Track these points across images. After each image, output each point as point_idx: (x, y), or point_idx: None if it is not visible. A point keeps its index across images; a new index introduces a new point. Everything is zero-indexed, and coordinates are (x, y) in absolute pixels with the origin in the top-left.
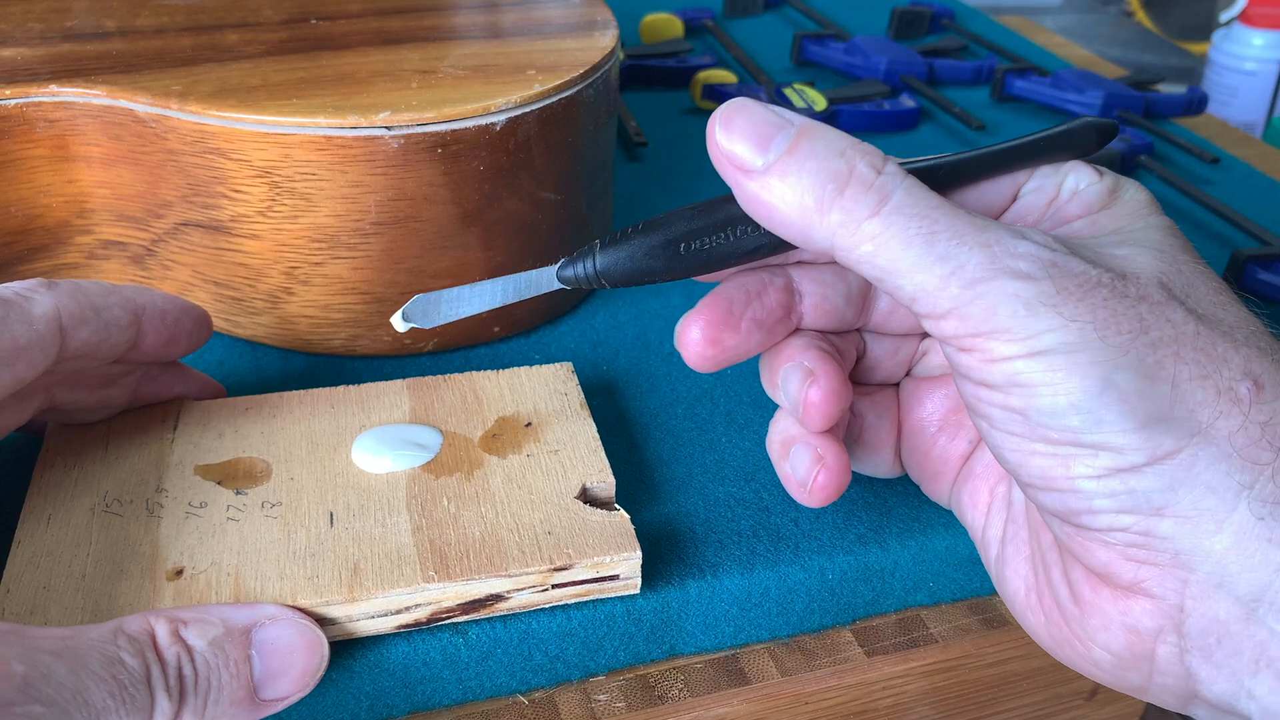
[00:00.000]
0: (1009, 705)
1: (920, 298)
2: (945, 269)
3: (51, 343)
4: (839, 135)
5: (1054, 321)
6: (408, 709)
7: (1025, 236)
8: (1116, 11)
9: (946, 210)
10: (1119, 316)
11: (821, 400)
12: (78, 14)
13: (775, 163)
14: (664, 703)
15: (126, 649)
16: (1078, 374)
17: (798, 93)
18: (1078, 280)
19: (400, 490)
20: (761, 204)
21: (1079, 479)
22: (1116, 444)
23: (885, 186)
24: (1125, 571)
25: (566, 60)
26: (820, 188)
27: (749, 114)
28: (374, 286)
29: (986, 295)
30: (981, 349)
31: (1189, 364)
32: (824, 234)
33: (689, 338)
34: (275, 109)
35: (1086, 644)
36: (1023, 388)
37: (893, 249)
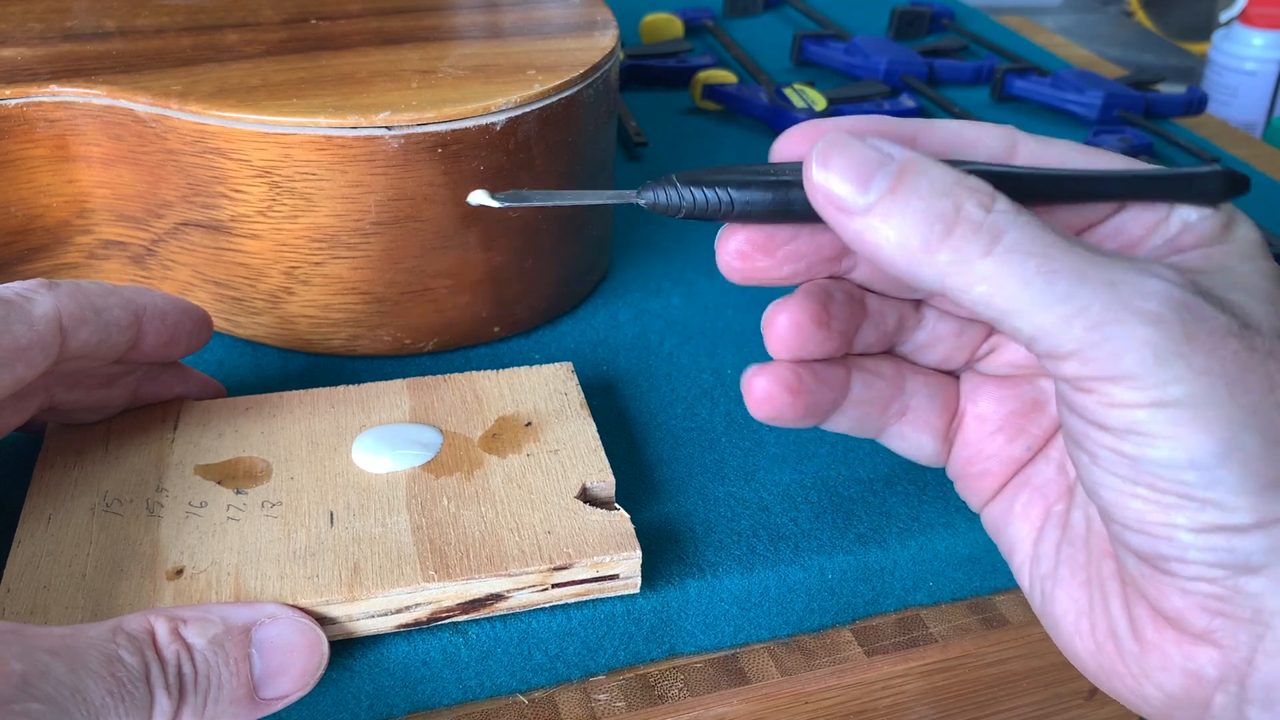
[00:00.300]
0: (1008, 705)
1: (1040, 338)
2: (1068, 310)
3: (52, 343)
4: (944, 171)
5: (1183, 372)
6: (408, 708)
7: (1153, 274)
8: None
9: (1065, 247)
10: (1248, 373)
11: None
12: (78, 14)
13: (877, 203)
14: (664, 702)
15: (125, 647)
16: (1203, 431)
17: (798, 93)
18: (1208, 328)
19: (400, 490)
20: (866, 244)
21: (1179, 530)
22: (1229, 503)
23: (996, 225)
24: (1199, 620)
25: (566, 60)
26: (927, 229)
27: (848, 151)
28: (374, 286)
29: (1113, 339)
30: (1103, 392)
31: None
32: (933, 274)
33: (726, 246)
34: (275, 109)
35: (1139, 680)
36: (1141, 436)
37: (1010, 289)
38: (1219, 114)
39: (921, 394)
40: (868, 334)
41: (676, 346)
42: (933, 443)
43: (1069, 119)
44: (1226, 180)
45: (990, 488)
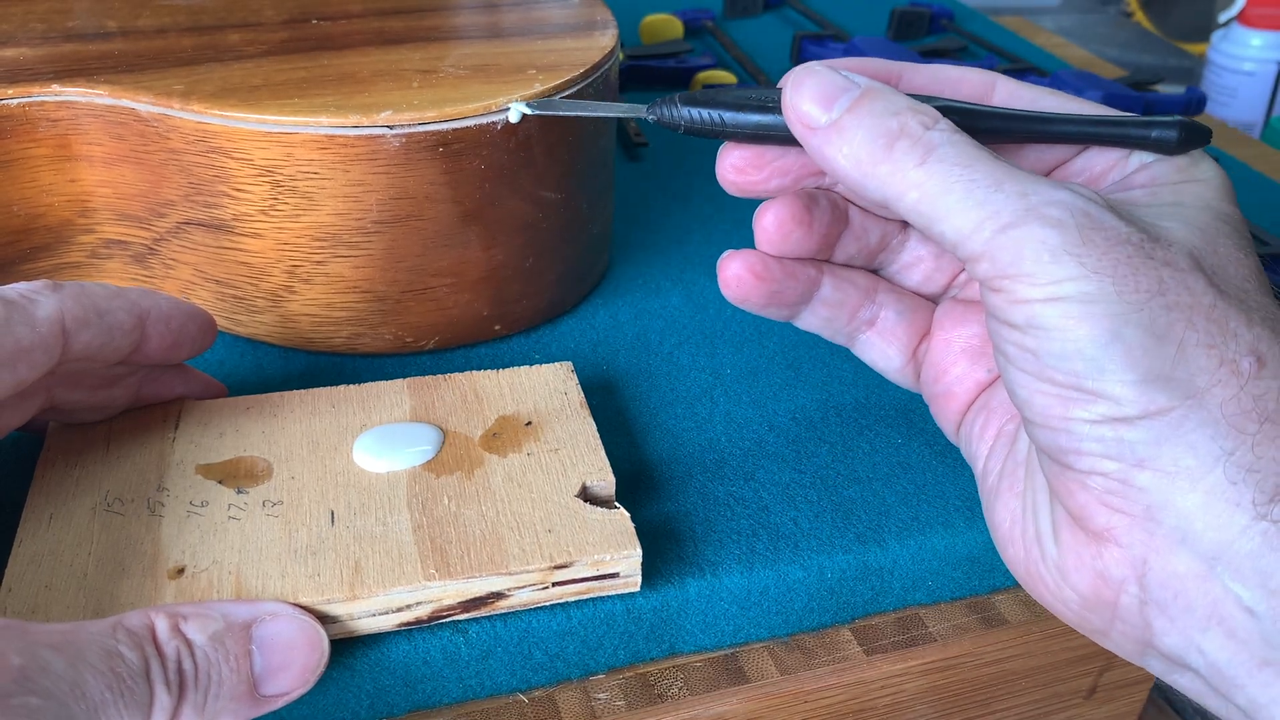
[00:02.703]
0: (1007, 704)
1: (960, 242)
2: (982, 214)
3: (54, 345)
4: (899, 98)
5: (1075, 270)
6: (408, 707)
7: (1064, 188)
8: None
9: (988, 161)
10: (1139, 275)
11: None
12: (80, 14)
13: (837, 120)
14: (663, 701)
15: (125, 643)
16: (1089, 323)
17: None
18: (1105, 234)
19: (401, 489)
20: (824, 158)
21: (1074, 421)
22: (1114, 394)
23: (932, 140)
24: (1099, 516)
25: (567, 60)
26: (873, 143)
27: (818, 77)
28: (375, 285)
29: (1016, 240)
30: (1008, 290)
31: (1199, 331)
32: (876, 185)
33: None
34: (277, 108)
35: (1058, 583)
36: (1039, 330)
37: (935, 195)
38: (1218, 114)
39: (892, 308)
40: (849, 245)
41: (676, 346)
42: (900, 356)
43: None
44: (1185, 130)
45: (957, 409)
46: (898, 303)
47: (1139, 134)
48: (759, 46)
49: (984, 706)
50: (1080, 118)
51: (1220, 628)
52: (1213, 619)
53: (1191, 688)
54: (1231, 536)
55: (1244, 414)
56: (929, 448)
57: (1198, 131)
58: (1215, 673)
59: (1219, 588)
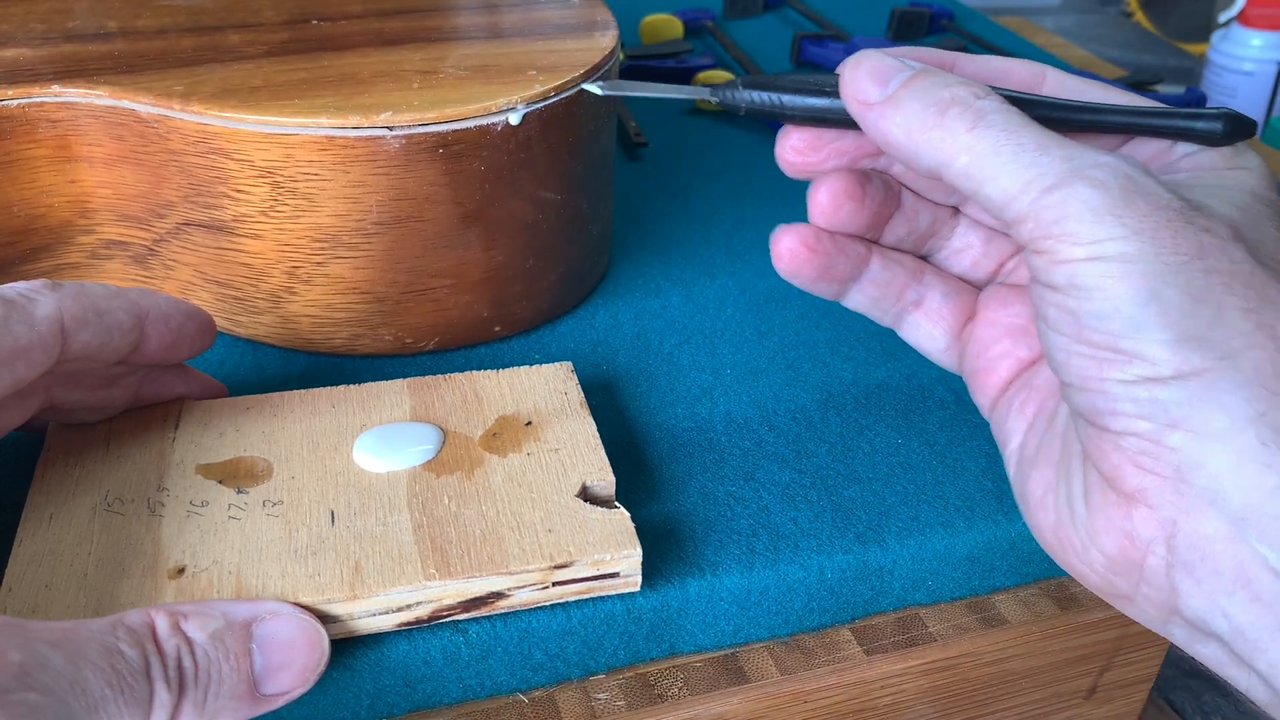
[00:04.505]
0: (1007, 704)
1: (1007, 204)
2: (1028, 175)
3: (53, 344)
4: (952, 76)
5: (1117, 230)
6: (408, 707)
7: (1107, 154)
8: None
9: (1035, 129)
10: (1179, 238)
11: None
12: (80, 15)
13: (891, 95)
14: (663, 701)
15: (125, 640)
16: (1128, 282)
17: None
18: (1147, 198)
19: (401, 489)
20: (879, 131)
21: (1109, 380)
22: (1150, 354)
23: (983, 108)
24: (1131, 477)
25: (567, 60)
26: (926, 110)
27: (875, 59)
28: (375, 286)
29: (1060, 200)
30: (1050, 250)
31: (1236, 295)
32: (928, 151)
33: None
34: (277, 109)
35: (1085, 545)
36: (1079, 290)
37: (984, 158)
38: None
39: (938, 289)
40: (899, 227)
41: (676, 346)
42: (945, 337)
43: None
44: (1231, 122)
45: (996, 385)
46: (944, 285)
47: (1185, 125)
48: (759, 46)
49: (984, 706)
50: (1128, 108)
51: (1245, 590)
52: (1239, 582)
53: (1213, 657)
54: (1261, 498)
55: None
56: (929, 448)
57: (1243, 124)
58: (1239, 637)
59: (1246, 550)
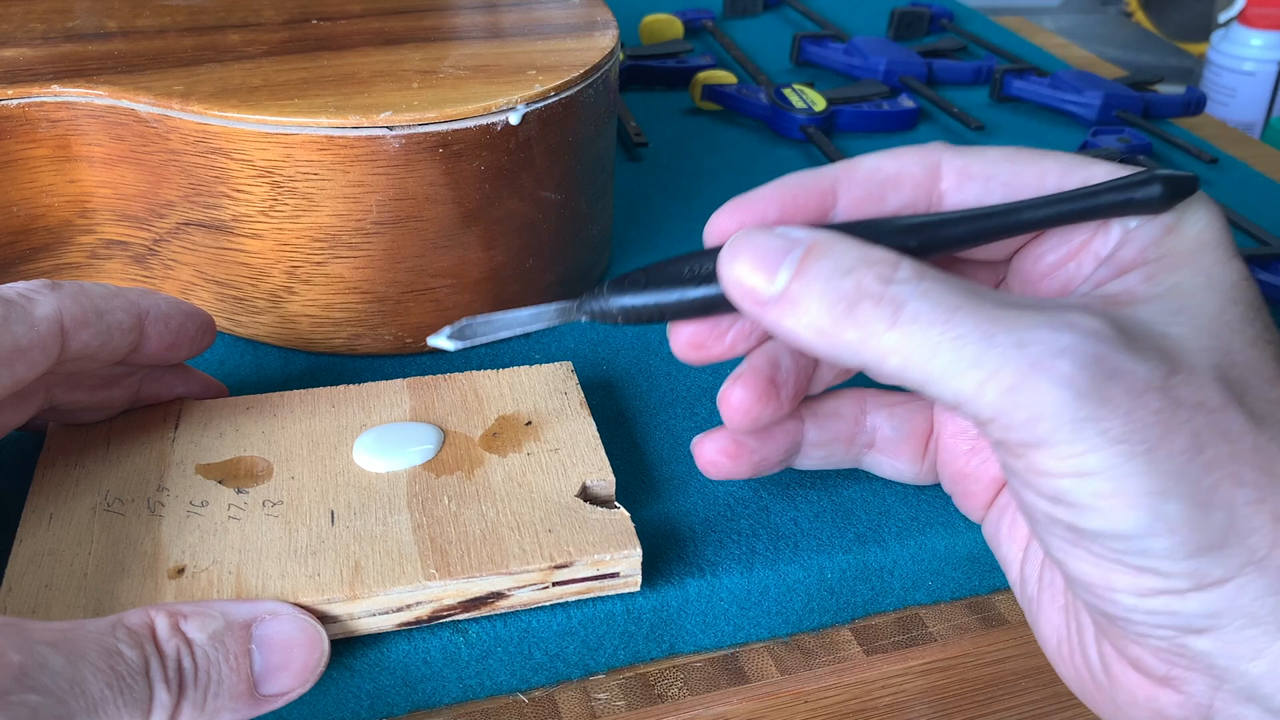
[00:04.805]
0: (1008, 704)
1: (962, 404)
2: (979, 375)
3: (53, 344)
4: (848, 249)
5: (1098, 441)
6: (408, 707)
7: (1066, 325)
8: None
9: (969, 310)
10: (1171, 434)
11: (733, 409)
12: (79, 14)
13: (785, 290)
14: (663, 701)
15: (125, 641)
16: (1125, 502)
17: (797, 93)
18: (1124, 384)
19: (401, 489)
20: (783, 330)
21: (1120, 593)
22: (1163, 569)
23: (897, 297)
24: (1157, 668)
25: (567, 60)
26: (832, 309)
27: (753, 242)
28: (375, 286)
29: (1025, 404)
30: (1028, 458)
31: (1246, 486)
32: (848, 353)
33: (677, 340)
34: (277, 109)
35: (1113, 712)
36: (1069, 506)
37: (920, 359)
38: (1218, 114)
39: (885, 426)
40: (825, 375)
41: None
42: (910, 466)
43: (1068, 119)
44: (1168, 184)
45: (980, 504)
46: (890, 416)
47: (1121, 199)
48: (759, 46)
49: (984, 707)
50: (1049, 199)
51: None
52: None
53: None
54: None
55: None
56: None
57: (1181, 183)
58: None
59: None
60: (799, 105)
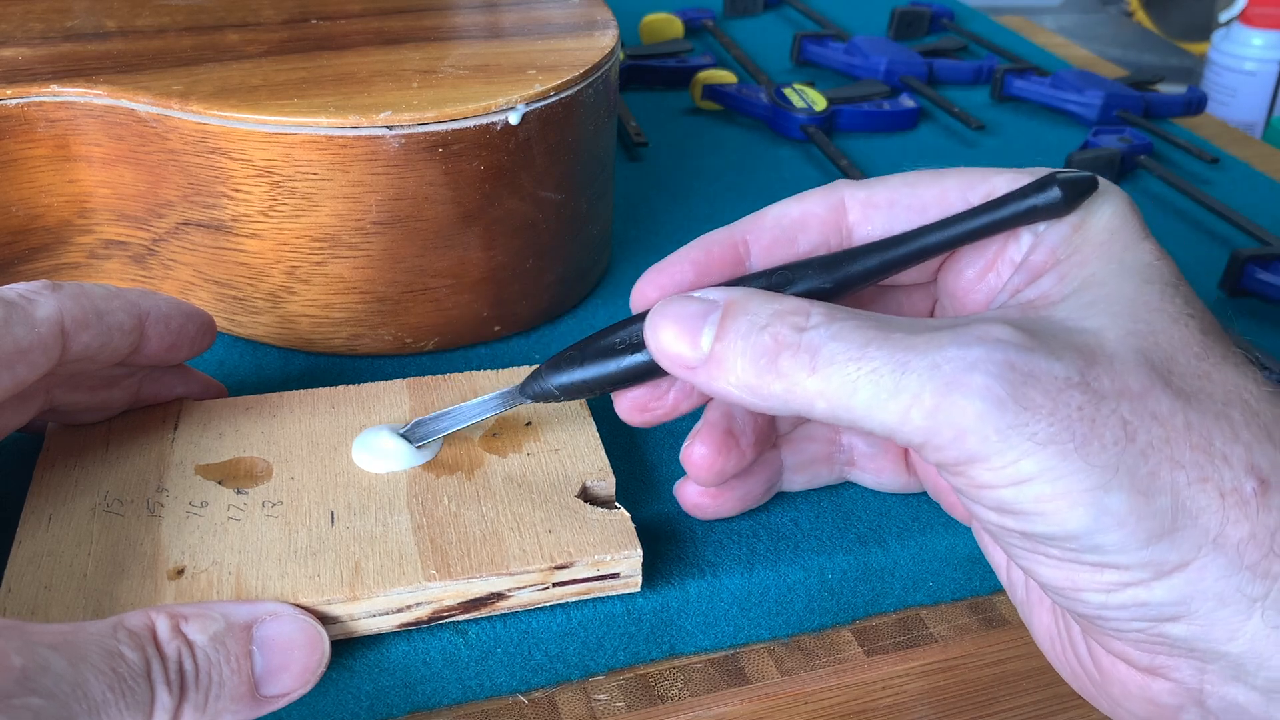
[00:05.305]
0: (1009, 705)
1: (892, 434)
2: (900, 404)
3: (53, 345)
4: (761, 304)
5: (1027, 446)
6: (408, 708)
7: (975, 340)
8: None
9: (880, 342)
10: (1099, 427)
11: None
12: (78, 14)
13: (710, 354)
14: (664, 702)
15: (126, 643)
16: (1067, 502)
17: (797, 93)
18: (1043, 387)
19: (401, 489)
20: (716, 390)
21: (1087, 592)
22: (1120, 563)
23: (812, 343)
24: (1142, 659)
25: (567, 60)
26: (755, 365)
27: (673, 310)
28: (375, 286)
29: (949, 423)
30: (967, 476)
31: (1186, 467)
32: (778, 403)
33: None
34: (276, 109)
35: (1112, 706)
36: (1016, 515)
37: (843, 398)
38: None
39: (860, 443)
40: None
41: None
42: (895, 478)
43: (1069, 119)
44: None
45: (963, 512)
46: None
47: (1024, 207)
48: (759, 46)
49: (985, 707)
50: (952, 219)
51: None
52: None
53: None
54: None
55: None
56: None
57: (1080, 183)
58: None
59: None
60: (799, 105)
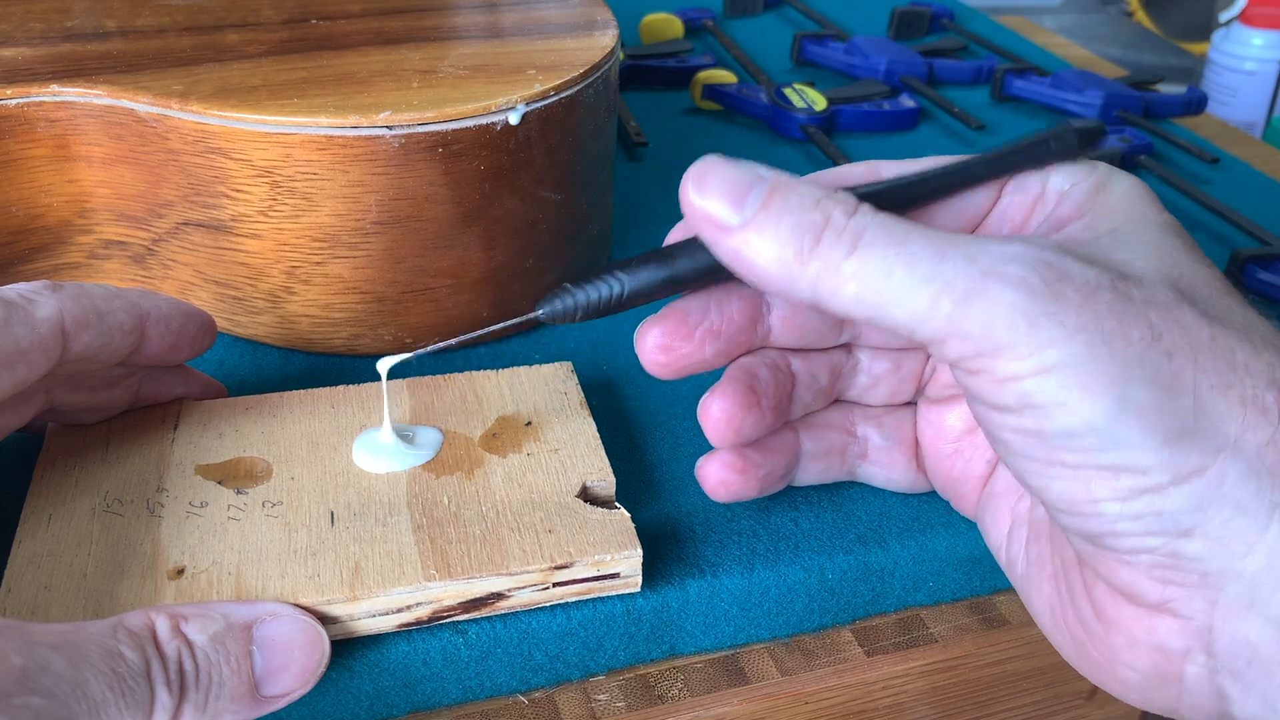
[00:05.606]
0: (1009, 705)
1: (917, 326)
2: (933, 289)
3: (54, 346)
4: (813, 187)
5: (1057, 333)
6: (408, 708)
7: (1013, 240)
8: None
9: (922, 232)
10: (1126, 324)
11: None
12: (78, 14)
13: (752, 219)
14: (664, 702)
15: (126, 643)
16: (1090, 391)
17: (798, 93)
18: (1075, 285)
19: (401, 489)
20: (742, 260)
21: (1102, 502)
22: (1139, 464)
23: (857, 227)
24: (1151, 591)
25: (567, 60)
26: (799, 240)
27: (721, 171)
28: (375, 286)
29: (980, 310)
30: (988, 369)
31: (1208, 372)
32: (806, 284)
33: (644, 344)
34: (276, 109)
35: (1113, 664)
36: (1035, 409)
37: (876, 282)
38: (1219, 114)
39: (875, 435)
40: (804, 396)
41: None
42: (904, 475)
43: (1069, 119)
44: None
45: (972, 504)
46: (879, 425)
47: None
48: (759, 46)
49: (985, 708)
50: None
51: None
52: None
53: None
54: None
55: None
56: None
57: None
58: None
59: None
60: (799, 105)
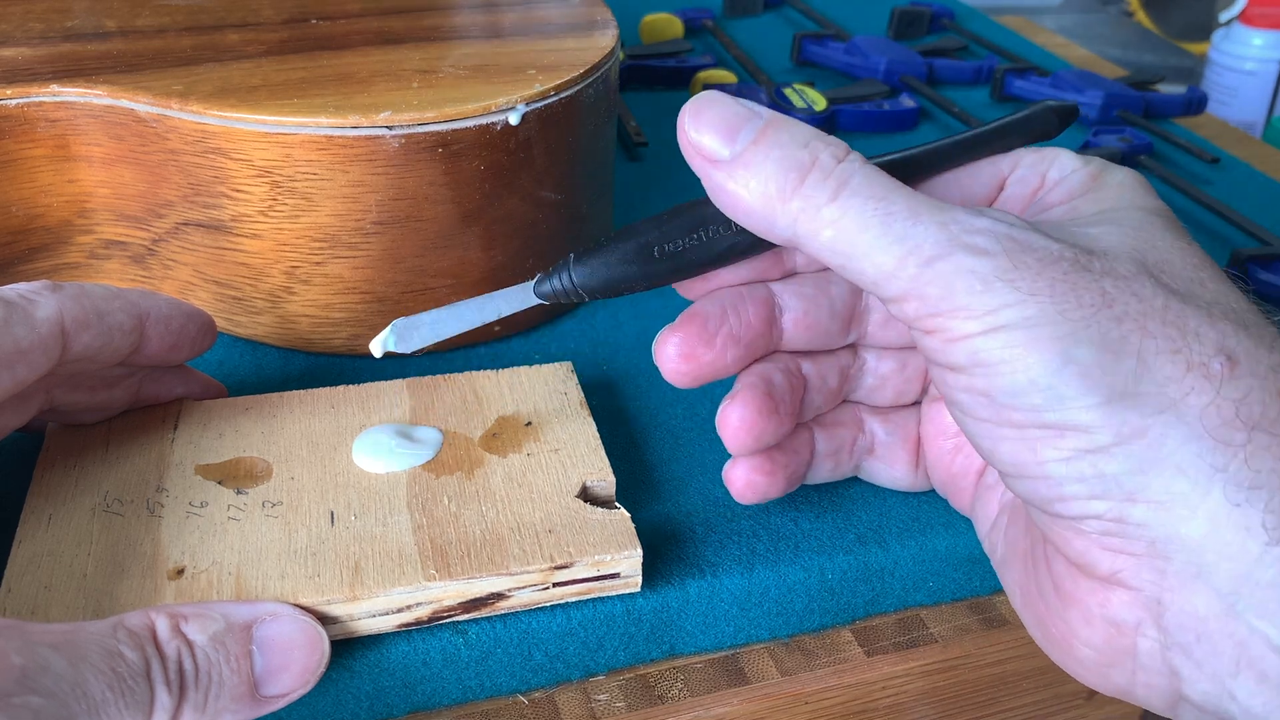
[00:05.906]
0: (1009, 705)
1: (881, 281)
2: (902, 249)
3: (54, 346)
4: (805, 128)
5: (1011, 296)
6: (408, 708)
7: (984, 214)
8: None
9: (904, 192)
10: (1080, 290)
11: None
12: (78, 14)
13: (742, 153)
14: (664, 702)
15: (126, 642)
16: (1036, 349)
17: (798, 93)
18: (1036, 255)
19: (401, 489)
20: (727, 193)
21: (1048, 463)
22: (1081, 422)
23: (844, 173)
24: (1102, 561)
25: (567, 60)
26: (783, 176)
27: (718, 107)
28: (375, 286)
29: (943, 273)
30: (942, 329)
31: (1156, 338)
32: (786, 222)
33: (665, 353)
34: (276, 109)
35: (1070, 640)
36: (984, 367)
37: (851, 232)
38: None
39: (880, 431)
40: (815, 399)
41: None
42: (906, 473)
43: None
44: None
45: (970, 500)
46: (884, 422)
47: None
48: (759, 46)
49: (985, 708)
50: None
51: (1250, 671)
52: (1241, 662)
53: None
54: (1248, 567)
55: (1227, 423)
56: None
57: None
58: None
59: (1243, 627)
60: (799, 105)
